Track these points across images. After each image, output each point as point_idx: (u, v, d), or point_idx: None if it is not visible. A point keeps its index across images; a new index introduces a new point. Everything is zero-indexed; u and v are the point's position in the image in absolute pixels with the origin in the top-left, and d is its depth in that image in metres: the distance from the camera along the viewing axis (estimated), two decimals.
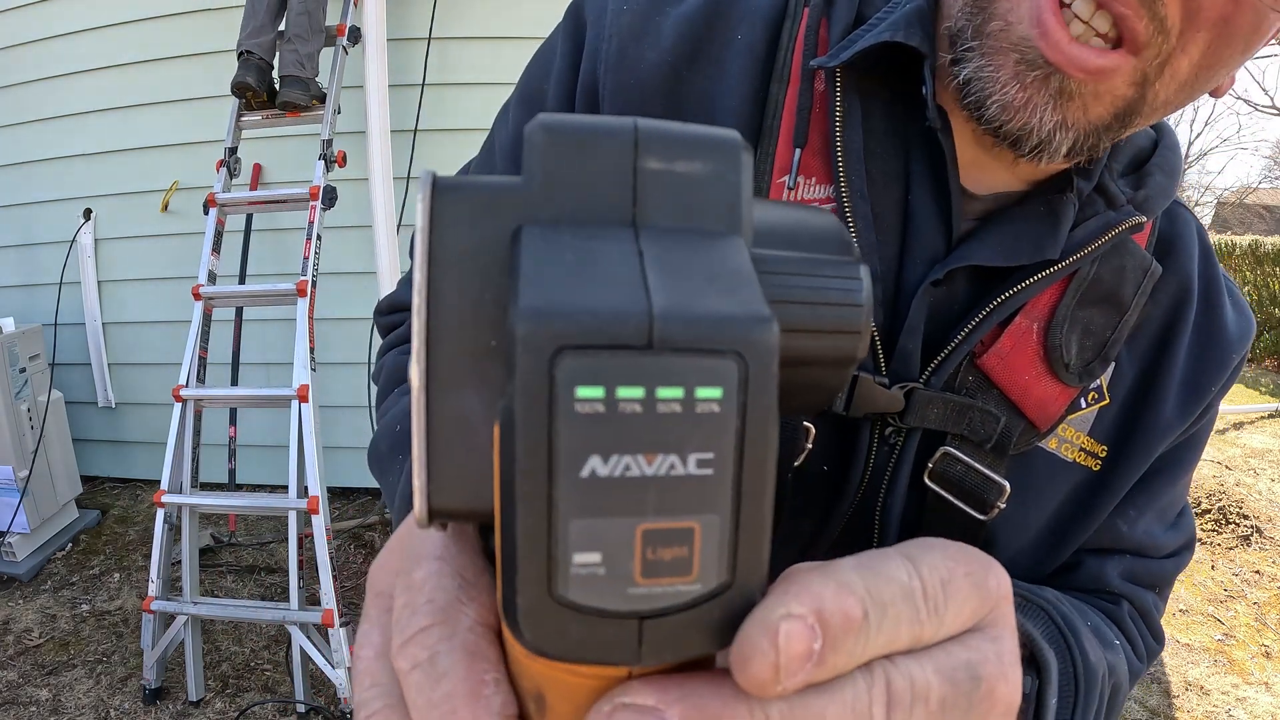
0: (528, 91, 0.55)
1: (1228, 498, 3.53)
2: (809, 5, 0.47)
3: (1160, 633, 0.58)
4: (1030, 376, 0.47)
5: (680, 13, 0.48)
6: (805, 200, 0.44)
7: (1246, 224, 19.47)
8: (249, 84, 2.39)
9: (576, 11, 0.52)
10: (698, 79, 0.47)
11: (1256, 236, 7.85)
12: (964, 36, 0.40)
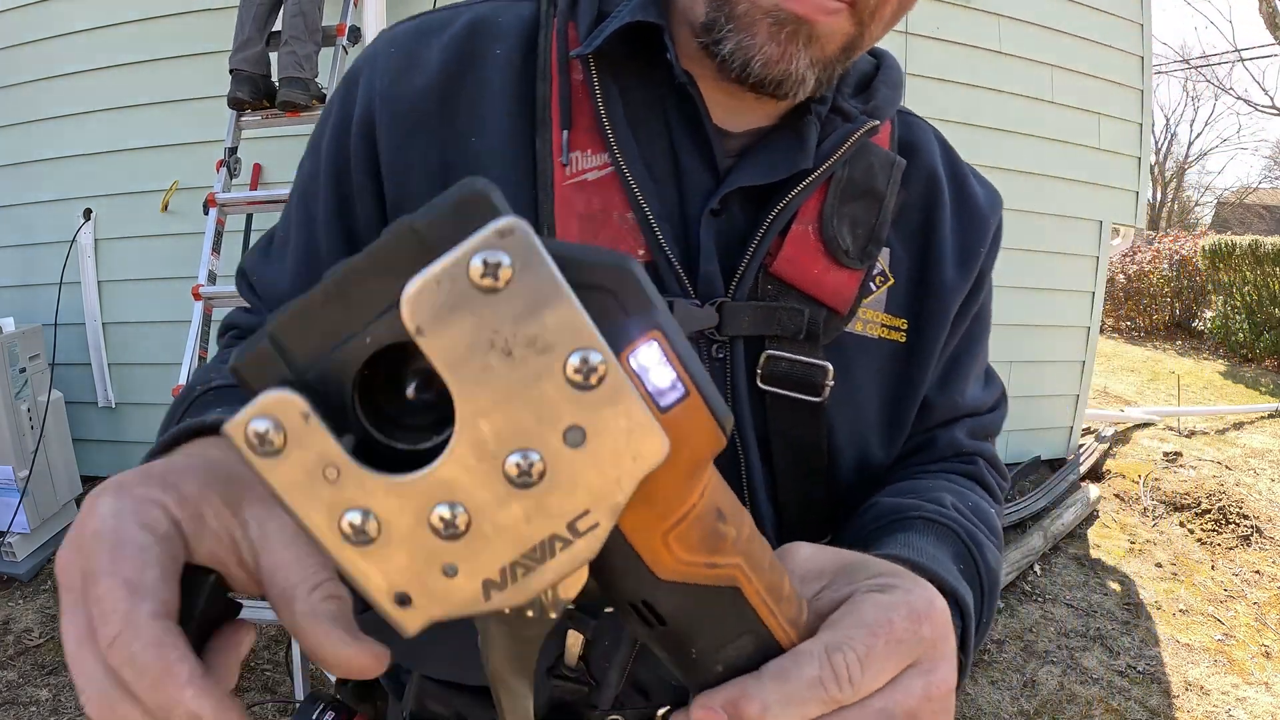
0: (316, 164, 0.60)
1: (1228, 498, 3.53)
2: (556, 14, 0.54)
3: (1004, 470, 0.70)
4: (818, 270, 0.54)
5: (442, 41, 0.54)
6: (583, 169, 0.51)
7: (1246, 224, 19.47)
8: (243, 99, 2.40)
9: (351, 74, 0.57)
10: (466, 95, 0.54)
11: (1256, 236, 7.84)
12: (718, 24, 0.48)
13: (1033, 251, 3.75)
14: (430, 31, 0.56)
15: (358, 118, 0.55)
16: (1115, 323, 8.87)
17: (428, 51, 0.54)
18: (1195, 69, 21.18)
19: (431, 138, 0.53)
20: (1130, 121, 3.91)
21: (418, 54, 0.54)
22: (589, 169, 0.52)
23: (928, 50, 3.39)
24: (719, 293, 0.53)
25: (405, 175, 0.54)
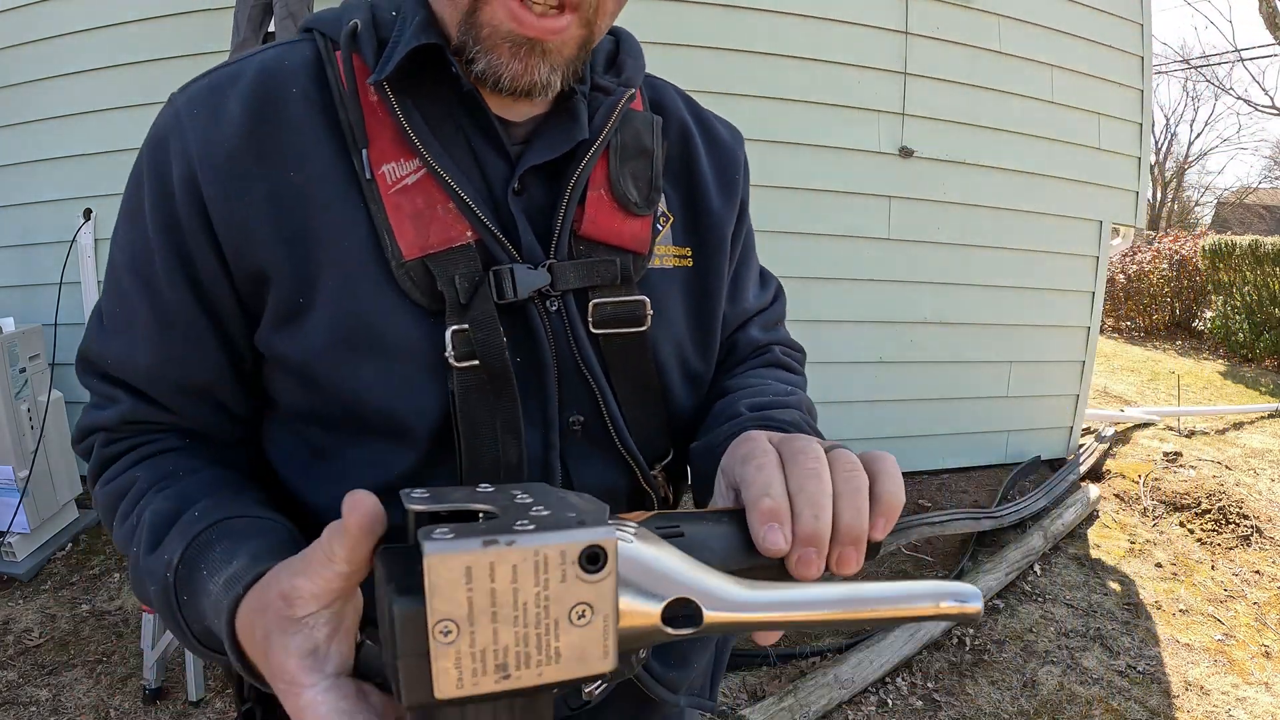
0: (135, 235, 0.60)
1: (1228, 498, 3.53)
2: (338, 49, 0.59)
3: (797, 344, 0.83)
4: (617, 224, 0.64)
5: (239, 91, 0.57)
6: (401, 177, 0.58)
7: (1246, 224, 19.47)
8: None
9: (154, 139, 0.59)
10: (275, 134, 0.57)
11: (1256, 236, 7.83)
12: (468, 46, 0.56)
13: (1033, 251, 3.75)
14: (222, 86, 0.58)
15: (178, 176, 0.56)
16: (1115, 323, 8.87)
17: (227, 103, 0.57)
18: (1195, 69, 21.18)
19: (255, 181, 0.56)
20: (1130, 121, 3.91)
21: (218, 107, 0.57)
22: (406, 175, 0.58)
23: (928, 50, 3.39)
24: (541, 258, 0.61)
25: (241, 220, 0.56)
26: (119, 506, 0.60)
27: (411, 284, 0.57)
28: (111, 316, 0.62)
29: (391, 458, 0.59)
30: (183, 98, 0.58)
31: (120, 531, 0.59)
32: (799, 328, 3.64)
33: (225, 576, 0.48)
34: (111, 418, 0.62)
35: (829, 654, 2.39)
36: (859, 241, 3.45)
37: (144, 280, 0.59)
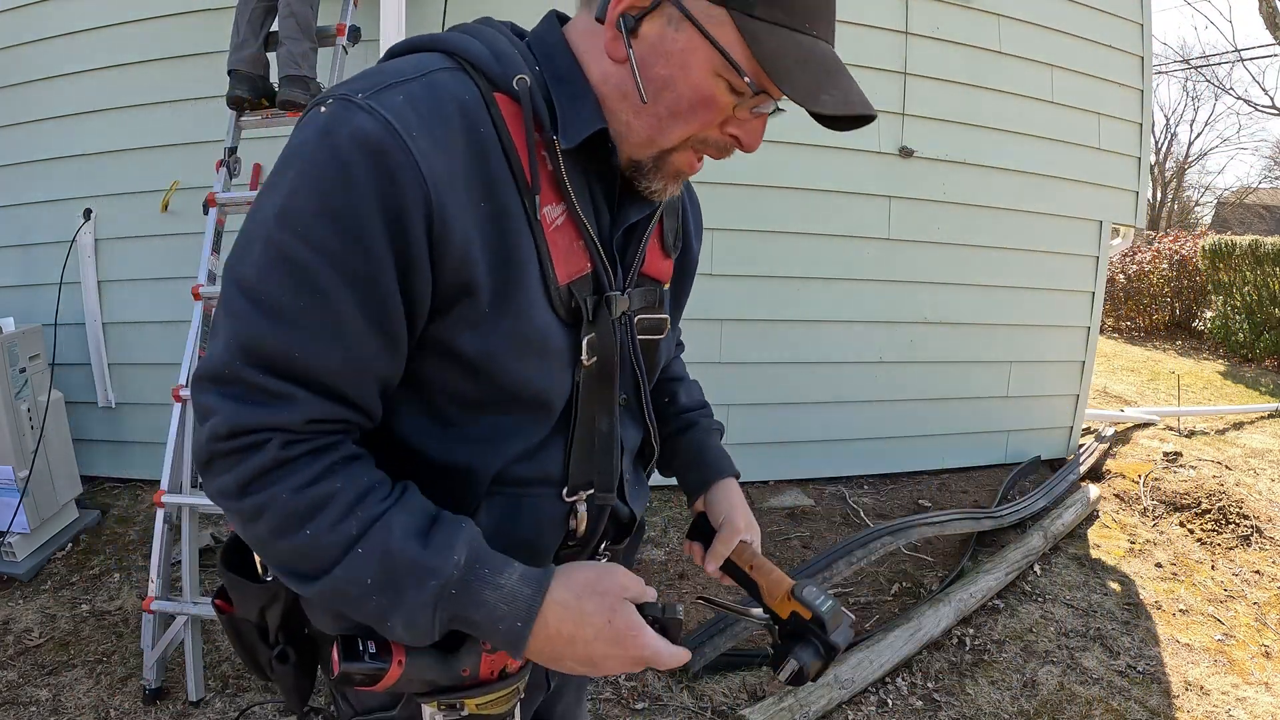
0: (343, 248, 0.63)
1: (1228, 498, 3.53)
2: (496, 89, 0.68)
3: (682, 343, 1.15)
4: (660, 263, 0.87)
5: (452, 122, 0.65)
6: (554, 218, 0.71)
7: (1246, 224, 19.46)
8: (242, 97, 2.40)
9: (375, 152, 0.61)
10: (485, 167, 0.66)
11: (1256, 236, 7.82)
12: (645, 166, 0.74)
13: (1033, 251, 3.75)
14: (430, 111, 0.64)
15: (414, 198, 0.61)
16: (1115, 323, 8.87)
17: (448, 132, 0.64)
18: (1195, 69, 21.18)
19: (478, 206, 0.66)
20: (1130, 121, 3.91)
21: (439, 136, 0.63)
22: (557, 216, 0.72)
23: (928, 50, 3.39)
24: (622, 286, 0.80)
25: (465, 241, 0.64)
26: (318, 516, 0.63)
27: (560, 303, 0.72)
28: (294, 310, 0.61)
29: (532, 427, 0.75)
30: (390, 113, 0.62)
31: (327, 537, 0.63)
32: (799, 328, 3.63)
33: (518, 573, 0.68)
34: (294, 418, 0.63)
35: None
36: (859, 241, 3.45)
37: (355, 280, 0.62)
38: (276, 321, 0.61)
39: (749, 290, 3.33)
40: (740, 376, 3.38)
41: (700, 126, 0.70)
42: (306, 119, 0.66)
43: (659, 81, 0.68)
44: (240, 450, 0.62)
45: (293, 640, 0.81)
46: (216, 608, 0.83)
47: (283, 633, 0.80)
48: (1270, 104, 19.75)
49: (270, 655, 0.80)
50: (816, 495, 3.52)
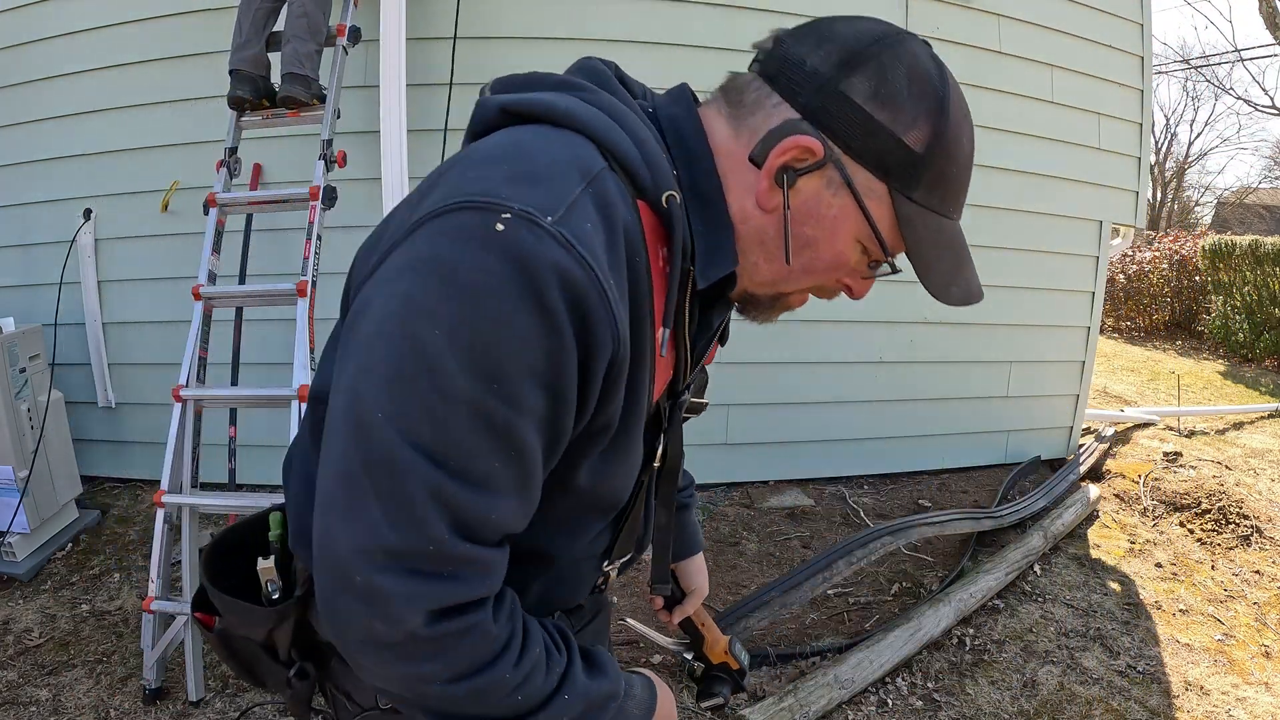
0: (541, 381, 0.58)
1: (1228, 498, 3.53)
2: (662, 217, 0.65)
3: None
4: (713, 353, 0.89)
5: (624, 261, 0.61)
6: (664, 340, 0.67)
7: (1246, 224, 19.46)
8: (243, 97, 2.40)
9: (573, 299, 0.56)
10: (641, 307, 0.63)
11: (1256, 236, 7.82)
12: (759, 300, 0.75)
13: (1033, 251, 3.75)
14: (613, 249, 0.59)
15: (606, 353, 0.59)
16: (1115, 323, 8.87)
17: (624, 276, 0.61)
18: (1195, 69, 21.18)
19: (635, 349, 0.64)
20: (1130, 121, 3.91)
21: (621, 280, 0.60)
22: (664, 339, 0.66)
23: None
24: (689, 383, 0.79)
25: (618, 384, 0.62)
26: (528, 682, 0.63)
27: (649, 415, 0.71)
28: (493, 473, 0.56)
29: (600, 521, 0.78)
30: (585, 250, 0.56)
31: (534, 695, 0.64)
32: (800, 328, 3.64)
33: (637, 683, 0.78)
34: (495, 582, 0.60)
35: (829, 654, 2.39)
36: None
37: (552, 435, 0.60)
38: (475, 487, 0.56)
39: None
40: (740, 376, 3.38)
41: (825, 280, 0.72)
42: (469, 228, 0.54)
43: (801, 239, 0.67)
44: (453, 635, 0.57)
45: (307, 655, 0.77)
46: (199, 621, 0.79)
47: (296, 650, 0.77)
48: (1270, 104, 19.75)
49: (285, 674, 0.77)
50: (816, 495, 3.52)
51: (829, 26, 0.67)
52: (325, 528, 0.56)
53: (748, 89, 0.69)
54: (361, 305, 0.58)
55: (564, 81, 0.69)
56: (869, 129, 0.63)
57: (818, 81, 0.64)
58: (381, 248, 0.61)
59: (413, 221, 0.58)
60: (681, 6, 3.08)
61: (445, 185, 0.59)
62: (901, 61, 0.63)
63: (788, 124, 0.64)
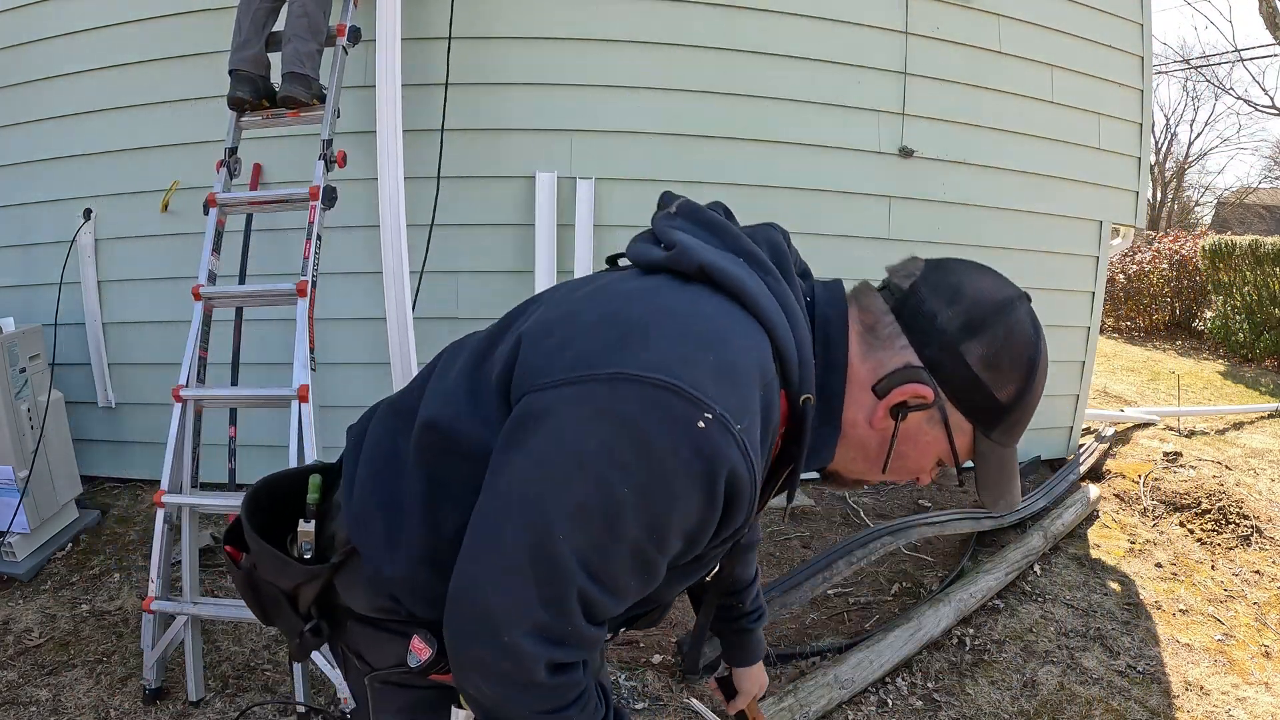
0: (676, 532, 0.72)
1: (1228, 498, 3.53)
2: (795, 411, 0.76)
3: None
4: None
5: (760, 443, 0.71)
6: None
7: (1246, 224, 19.45)
8: (243, 98, 2.40)
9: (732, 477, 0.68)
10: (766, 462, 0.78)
11: (1256, 236, 7.82)
12: (839, 480, 0.86)
13: (1033, 251, 3.75)
14: (765, 440, 0.73)
15: (739, 516, 0.72)
16: (1115, 323, 8.87)
17: (762, 462, 0.73)
18: (1195, 69, 21.17)
19: None
20: (1130, 121, 3.91)
21: (762, 459, 0.73)
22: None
23: (928, 50, 3.39)
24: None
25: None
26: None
27: None
28: (629, 589, 0.72)
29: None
30: (754, 454, 0.69)
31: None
32: None
33: None
34: (597, 651, 0.80)
35: (829, 654, 2.39)
36: (859, 241, 3.44)
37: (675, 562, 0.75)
38: (612, 595, 0.71)
39: None
40: None
41: (902, 478, 0.85)
42: (677, 416, 0.65)
43: (897, 455, 0.80)
44: (560, 684, 0.73)
45: (325, 614, 0.87)
46: (228, 554, 0.89)
47: (317, 607, 0.87)
48: (1270, 104, 19.74)
49: (301, 626, 0.86)
50: (816, 495, 3.52)
51: (959, 283, 0.80)
52: (475, 580, 0.69)
53: (882, 322, 0.80)
54: (544, 411, 0.67)
55: (753, 255, 0.79)
56: (973, 385, 0.76)
57: (943, 340, 0.76)
58: (565, 357, 0.69)
59: (614, 370, 0.66)
60: (681, 6, 3.08)
61: (642, 329, 0.69)
62: (1012, 331, 0.77)
63: (911, 370, 0.77)
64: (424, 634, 0.80)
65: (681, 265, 0.75)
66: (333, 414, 2.94)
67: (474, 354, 0.81)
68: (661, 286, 0.75)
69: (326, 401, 2.89)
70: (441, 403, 0.79)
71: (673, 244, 0.77)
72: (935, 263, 0.83)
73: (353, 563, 0.85)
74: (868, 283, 0.86)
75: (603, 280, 0.81)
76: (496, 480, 0.69)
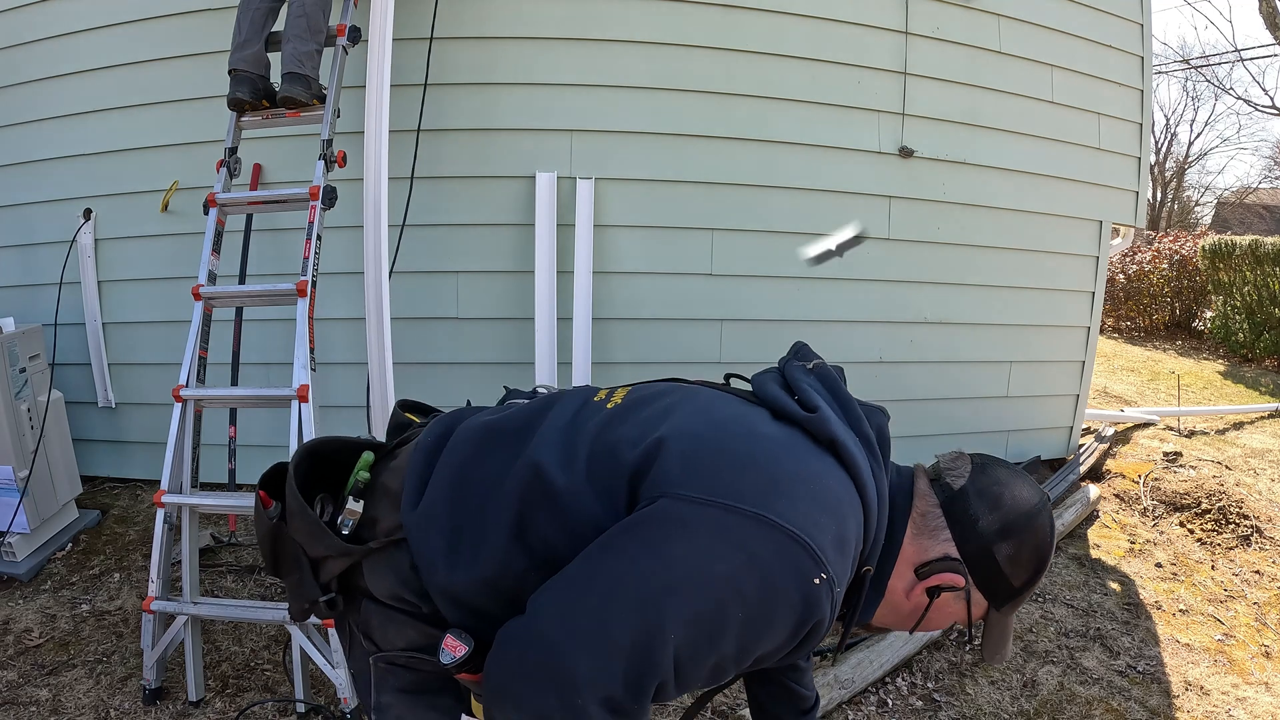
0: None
1: (1228, 498, 3.53)
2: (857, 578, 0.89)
3: None
4: None
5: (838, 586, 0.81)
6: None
7: (1246, 224, 19.45)
8: (243, 98, 2.40)
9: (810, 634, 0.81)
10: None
11: (1256, 236, 7.81)
12: (872, 629, 0.97)
13: (1033, 251, 3.75)
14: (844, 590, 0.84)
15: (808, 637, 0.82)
16: (1115, 323, 8.87)
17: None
18: (1195, 69, 21.17)
19: None
20: (1130, 121, 3.91)
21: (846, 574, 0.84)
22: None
23: (928, 50, 3.39)
24: None
25: None
26: None
27: None
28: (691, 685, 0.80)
29: None
30: (839, 598, 0.80)
31: None
32: (800, 328, 3.63)
33: None
34: None
35: (829, 654, 2.39)
36: (859, 241, 3.44)
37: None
38: (683, 689, 0.79)
39: (749, 290, 3.33)
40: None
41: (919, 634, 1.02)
42: (797, 567, 0.76)
43: (925, 621, 0.94)
44: None
45: (342, 589, 0.91)
46: (259, 498, 0.93)
47: (338, 581, 0.90)
48: (1270, 104, 19.72)
49: (317, 595, 0.90)
50: None
51: (1000, 493, 0.93)
52: (563, 640, 0.73)
53: (931, 514, 0.93)
54: (684, 522, 0.75)
55: (867, 440, 0.90)
56: (997, 575, 0.91)
57: (981, 542, 0.90)
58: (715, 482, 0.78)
59: (760, 512, 0.75)
60: (681, 6, 3.08)
61: (790, 483, 0.79)
62: (1035, 535, 0.91)
63: (950, 562, 0.91)
64: (456, 632, 0.83)
65: (817, 430, 0.86)
66: (333, 414, 2.95)
67: (600, 423, 0.89)
68: (799, 445, 0.85)
69: (326, 401, 2.89)
70: (557, 454, 0.85)
71: (813, 407, 0.88)
72: (980, 466, 0.97)
73: (390, 552, 0.88)
74: (923, 469, 1.01)
75: (738, 409, 0.90)
76: (613, 563, 0.75)
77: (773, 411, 0.89)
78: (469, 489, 0.87)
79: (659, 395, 0.93)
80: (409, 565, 0.86)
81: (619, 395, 0.95)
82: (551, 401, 0.96)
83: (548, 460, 0.84)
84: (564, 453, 0.85)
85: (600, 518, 0.80)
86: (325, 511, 0.92)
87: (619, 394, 0.96)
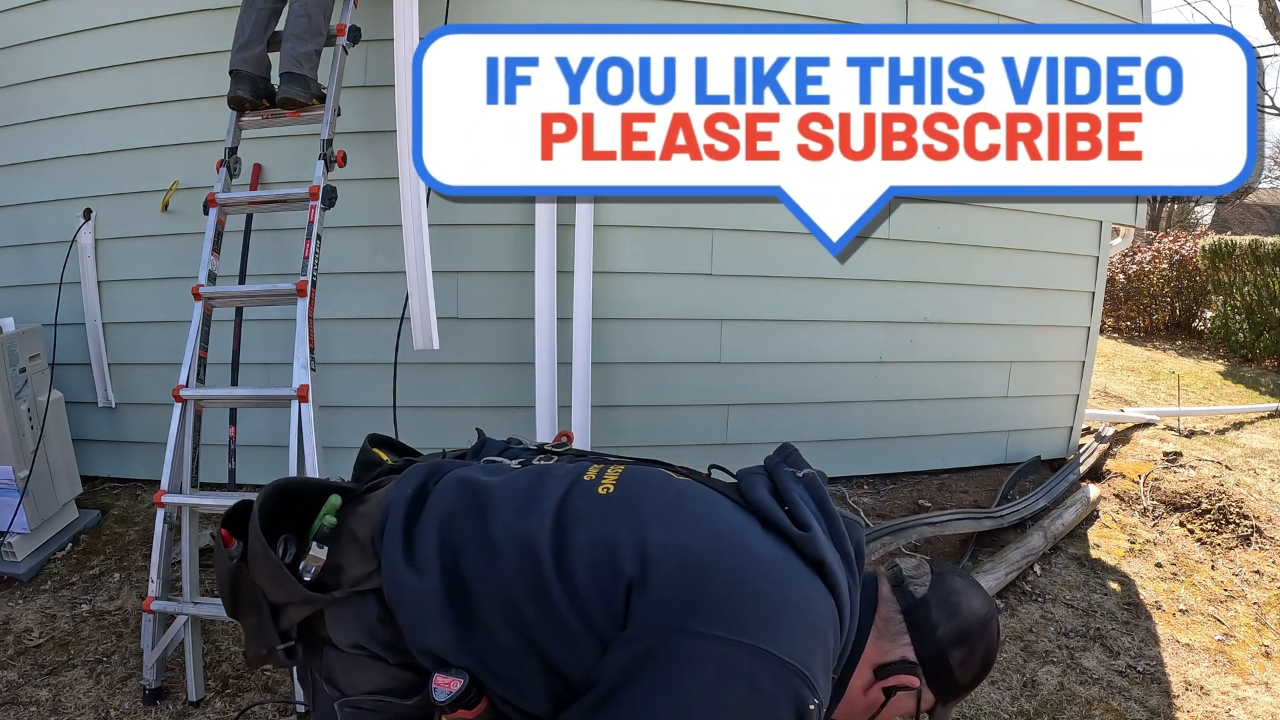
0: None
1: (1228, 498, 3.53)
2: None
3: None
4: None
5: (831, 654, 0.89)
6: None
7: (1246, 224, 19.45)
8: (243, 98, 2.40)
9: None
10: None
11: (1256, 236, 7.81)
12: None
13: (1033, 251, 3.75)
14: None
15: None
16: (1115, 323, 8.87)
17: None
18: None
19: None
20: None
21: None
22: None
23: None
24: None
25: None
26: None
27: None
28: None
29: None
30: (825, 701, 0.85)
31: None
32: (800, 327, 3.62)
33: None
34: None
35: None
36: (858, 242, 3.44)
37: None
38: None
39: (749, 290, 3.33)
40: (740, 376, 3.38)
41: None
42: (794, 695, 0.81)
43: (880, 717, 1.00)
44: None
45: (304, 637, 0.89)
46: (221, 537, 0.91)
47: (299, 629, 0.88)
48: (1270, 104, 19.75)
49: (276, 642, 0.88)
50: None
51: (958, 603, 1.01)
52: None
53: (893, 619, 1.01)
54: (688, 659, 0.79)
55: (848, 558, 0.93)
56: (948, 676, 0.99)
57: (937, 648, 0.98)
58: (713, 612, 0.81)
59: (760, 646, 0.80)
60: (680, 7, 3.08)
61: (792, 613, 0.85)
62: (985, 641, 1.01)
63: (907, 664, 0.98)
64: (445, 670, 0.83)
65: (807, 550, 0.89)
66: (333, 414, 2.94)
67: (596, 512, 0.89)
68: (792, 568, 0.88)
69: (326, 401, 2.88)
70: (549, 544, 0.86)
71: (806, 526, 0.91)
72: (940, 575, 1.04)
73: (355, 602, 0.85)
74: (884, 575, 1.08)
75: (731, 516, 0.93)
76: (618, 690, 0.79)
77: (762, 520, 0.92)
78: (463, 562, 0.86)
79: (651, 491, 0.94)
80: (375, 617, 0.85)
81: (609, 480, 0.95)
82: (541, 477, 0.96)
83: (542, 549, 0.85)
84: (557, 539, 0.86)
85: (594, 621, 0.83)
86: (287, 553, 0.89)
87: (609, 477, 0.96)
